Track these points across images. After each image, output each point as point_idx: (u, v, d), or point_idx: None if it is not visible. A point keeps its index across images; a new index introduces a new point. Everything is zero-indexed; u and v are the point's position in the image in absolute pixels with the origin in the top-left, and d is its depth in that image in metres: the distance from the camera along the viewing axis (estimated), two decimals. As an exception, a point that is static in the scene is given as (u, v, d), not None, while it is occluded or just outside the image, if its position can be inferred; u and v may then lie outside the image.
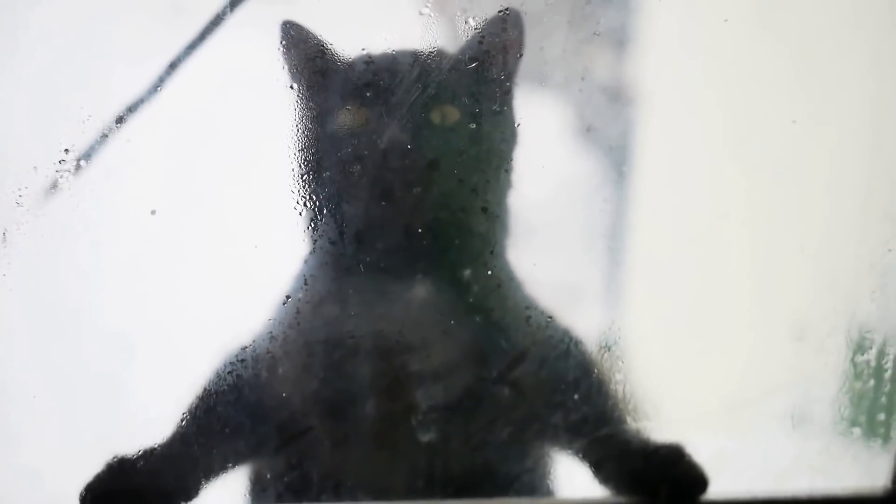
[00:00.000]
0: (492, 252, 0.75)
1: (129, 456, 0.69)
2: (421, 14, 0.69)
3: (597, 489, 0.77)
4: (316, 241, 0.73)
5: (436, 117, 0.71)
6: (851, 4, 0.86)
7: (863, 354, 0.82)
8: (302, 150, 0.71)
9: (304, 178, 0.71)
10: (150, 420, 0.72)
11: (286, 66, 0.71)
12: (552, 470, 0.80)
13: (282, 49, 0.71)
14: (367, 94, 0.71)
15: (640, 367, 0.80)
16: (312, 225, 0.72)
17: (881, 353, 0.82)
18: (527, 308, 0.76)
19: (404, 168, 0.71)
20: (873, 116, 0.84)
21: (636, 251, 0.84)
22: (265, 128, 0.71)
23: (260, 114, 0.71)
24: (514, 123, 0.74)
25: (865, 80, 0.83)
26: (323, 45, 0.71)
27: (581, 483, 0.78)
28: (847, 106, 0.83)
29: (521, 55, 0.73)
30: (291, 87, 0.72)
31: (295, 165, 0.71)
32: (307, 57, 0.71)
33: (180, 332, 0.73)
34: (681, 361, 0.83)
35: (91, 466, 0.67)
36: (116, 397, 0.74)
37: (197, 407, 0.72)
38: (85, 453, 0.72)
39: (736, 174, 0.82)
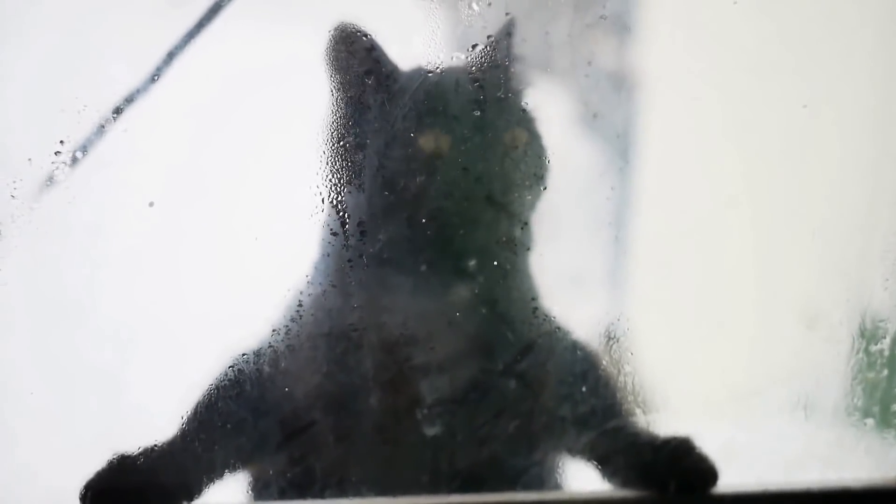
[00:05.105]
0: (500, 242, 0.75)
1: (131, 453, 0.68)
2: (423, -1, 0.68)
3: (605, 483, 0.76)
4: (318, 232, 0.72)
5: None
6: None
7: (876, 344, 0.81)
8: (309, 138, 0.71)
9: (309, 168, 0.71)
10: (149, 416, 0.71)
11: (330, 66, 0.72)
12: (560, 464, 0.79)
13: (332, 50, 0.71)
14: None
15: (647, 357, 0.79)
16: (314, 216, 0.71)
17: (895, 342, 0.81)
18: (533, 300, 0.76)
19: (407, 157, 0.71)
20: (882, 99, 0.84)
21: (642, 239, 0.83)
22: (264, 117, 0.70)
23: (259, 103, 0.70)
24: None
25: (873, 63, 0.83)
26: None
27: (589, 477, 0.77)
28: (855, 90, 0.82)
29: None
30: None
31: (298, 156, 0.71)
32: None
33: (180, 325, 0.72)
34: (688, 351, 0.83)
35: (89, 464, 0.66)
36: (115, 393, 0.72)
37: (198, 403, 0.71)
38: (83, 450, 0.71)
39: (744, 160, 0.81)
